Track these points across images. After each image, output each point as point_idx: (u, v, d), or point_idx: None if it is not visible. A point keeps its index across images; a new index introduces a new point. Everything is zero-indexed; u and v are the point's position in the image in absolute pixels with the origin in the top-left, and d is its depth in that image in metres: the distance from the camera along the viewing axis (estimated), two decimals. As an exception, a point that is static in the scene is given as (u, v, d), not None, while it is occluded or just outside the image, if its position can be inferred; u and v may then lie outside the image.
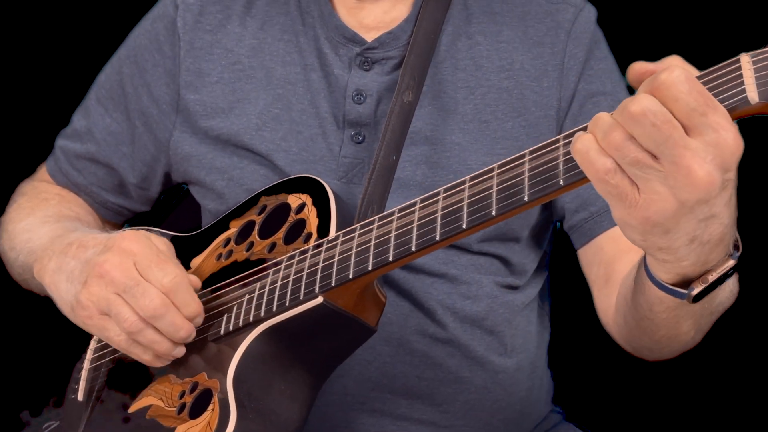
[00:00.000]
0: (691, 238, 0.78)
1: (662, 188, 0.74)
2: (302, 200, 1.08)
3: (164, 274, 1.00)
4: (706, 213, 0.76)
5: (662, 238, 0.78)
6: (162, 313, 0.99)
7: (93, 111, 1.31)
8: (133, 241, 1.03)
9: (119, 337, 1.02)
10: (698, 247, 0.79)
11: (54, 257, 1.10)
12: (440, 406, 1.17)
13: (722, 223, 0.79)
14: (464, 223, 0.89)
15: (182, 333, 1.01)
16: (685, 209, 0.75)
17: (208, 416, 0.98)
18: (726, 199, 0.77)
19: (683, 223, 0.76)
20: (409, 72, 1.14)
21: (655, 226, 0.76)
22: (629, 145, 0.73)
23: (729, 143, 0.72)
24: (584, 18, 1.22)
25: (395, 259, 0.93)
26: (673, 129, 0.72)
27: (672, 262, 0.82)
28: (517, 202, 0.85)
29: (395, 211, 0.96)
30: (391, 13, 1.21)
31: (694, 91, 0.72)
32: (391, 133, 1.11)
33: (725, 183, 0.75)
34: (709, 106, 0.72)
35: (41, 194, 1.33)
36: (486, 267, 1.18)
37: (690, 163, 0.72)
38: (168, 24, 1.25)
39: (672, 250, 0.80)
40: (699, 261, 0.81)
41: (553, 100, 1.18)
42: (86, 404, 1.14)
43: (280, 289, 1.01)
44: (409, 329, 1.16)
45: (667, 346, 1.02)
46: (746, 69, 0.76)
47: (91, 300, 1.02)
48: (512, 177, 0.87)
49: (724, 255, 0.82)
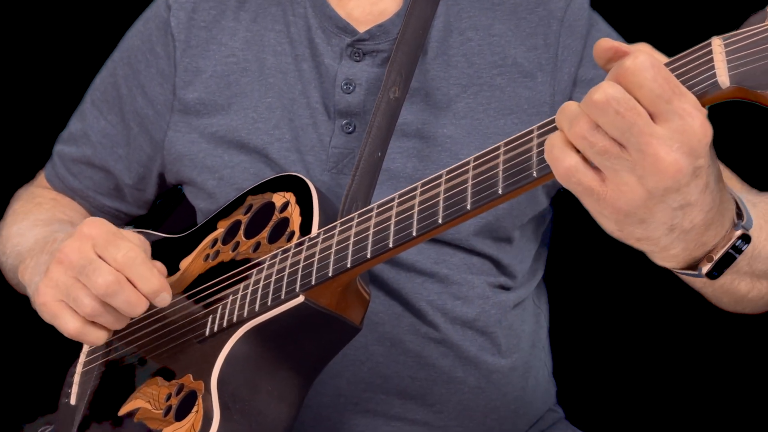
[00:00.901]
0: (670, 228, 0.76)
1: (630, 177, 0.72)
2: (286, 198, 1.08)
3: (117, 249, 0.98)
4: (680, 201, 0.74)
5: (638, 228, 0.76)
6: (115, 290, 0.97)
7: (88, 114, 1.31)
8: (94, 226, 1.01)
9: (71, 325, 1.00)
10: (681, 234, 0.77)
11: (35, 256, 1.10)
12: (434, 406, 1.15)
13: (703, 210, 0.76)
14: (440, 218, 0.87)
15: (139, 310, 0.99)
16: (654, 198, 0.73)
17: (192, 418, 0.98)
18: (701, 187, 0.74)
19: (657, 213, 0.74)
20: (396, 68, 1.13)
21: (627, 216, 0.74)
22: (595, 134, 0.72)
23: (695, 129, 0.71)
24: (577, 5, 1.19)
25: (373, 255, 0.92)
26: (637, 116, 0.70)
27: (658, 252, 0.80)
28: (491, 196, 0.84)
29: (374, 208, 0.95)
30: (379, 5, 1.20)
31: (659, 78, 0.70)
32: (377, 129, 1.10)
33: (697, 171, 0.73)
34: (675, 92, 0.71)
35: (36, 198, 1.33)
36: (477, 267, 1.17)
37: (656, 150, 0.71)
38: (160, 24, 1.25)
39: (653, 240, 0.78)
40: (690, 246, 0.79)
41: (546, 96, 1.16)
42: (78, 408, 1.14)
43: (263, 289, 1.00)
44: (401, 329, 1.14)
45: (749, 306, 0.98)
46: (717, 53, 0.74)
47: (48, 286, 1.00)
48: (487, 170, 0.85)
49: (723, 232, 0.80)
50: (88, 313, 0.99)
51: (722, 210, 0.79)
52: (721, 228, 0.80)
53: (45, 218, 1.26)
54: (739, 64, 0.72)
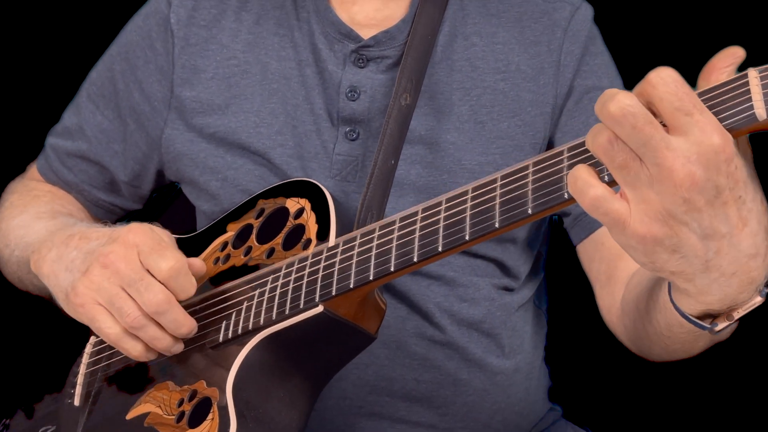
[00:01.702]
0: (705, 263, 0.75)
1: (650, 193, 0.72)
2: (301, 205, 1.07)
3: (164, 260, 0.98)
4: (705, 227, 0.73)
5: (670, 260, 0.75)
6: (166, 308, 0.98)
7: (84, 108, 1.29)
8: (138, 234, 1.01)
9: (111, 330, 1.00)
10: (721, 278, 0.76)
11: (54, 248, 1.08)
12: (439, 408, 1.17)
13: (741, 251, 0.75)
14: (467, 234, 0.88)
15: (184, 329, 1.00)
16: (675, 217, 0.72)
17: (207, 425, 0.97)
18: (728, 217, 0.73)
19: (683, 239, 0.73)
20: (407, 75, 1.13)
21: (654, 242, 0.74)
22: (615, 147, 0.72)
23: (714, 142, 0.71)
24: (581, 16, 1.22)
25: (397, 269, 0.92)
26: (654, 130, 0.70)
27: (694, 294, 0.79)
28: (520, 215, 0.85)
29: (396, 221, 0.95)
30: (384, 11, 1.20)
31: (680, 92, 0.71)
32: (389, 136, 1.10)
33: (721, 193, 0.72)
34: (696, 107, 0.71)
35: (32, 191, 1.31)
36: (482, 269, 1.18)
37: (672, 163, 0.70)
38: (160, 20, 1.23)
39: (688, 276, 0.77)
40: (726, 298, 0.79)
41: (549, 97, 1.18)
42: (83, 410, 1.13)
43: (280, 297, 1.00)
44: (406, 332, 1.15)
45: (677, 357, 1.01)
46: (754, 84, 0.74)
47: (89, 288, 1.00)
48: (515, 189, 0.86)
49: (753, 292, 0.80)
50: (129, 323, 0.99)
51: (764, 269, 0.78)
52: (755, 289, 0.79)
53: (46, 210, 1.24)
54: (777, 96, 0.73)
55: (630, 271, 1.09)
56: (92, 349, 1.17)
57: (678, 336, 0.92)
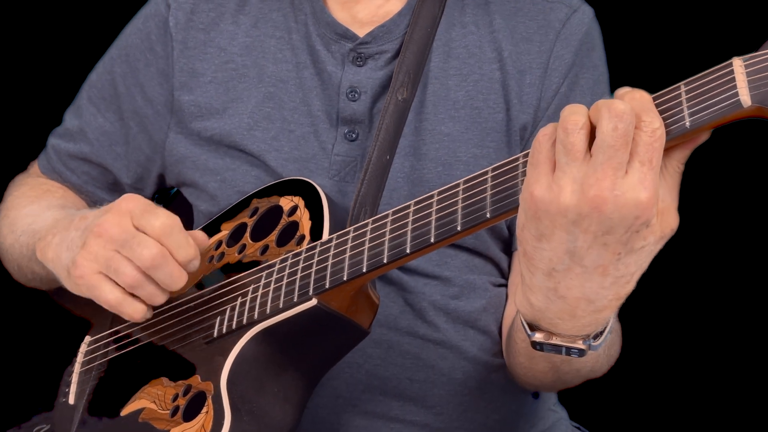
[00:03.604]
0: (551, 269, 0.81)
1: (568, 185, 0.77)
2: (294, 202, 1.08)
3: (156, 217, 0.99)
4: (577, 247, 0.78)
5: (532, 241, 0.80)
6: (160, 262, 0.99)
7: (85, 111, 1.30)
8: (131, 200, 1.02)
9: (111, 294, 1.01)
10: (551, 292, 0.82)
11: (58, 233, 1.09)
12: (433, 407, 1.16)
13: (582, 287, 0.81)
14: (459, 225, 0.89)
15: (180, 282, 1.00)
16: (566, 218, 0.77)
17: (202, 419, 0.98)
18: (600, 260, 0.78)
19: (555, 239, 0.79)
20: (404, 69, 1.14)
21: (535, 215, 0.79)
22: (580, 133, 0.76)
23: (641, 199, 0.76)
24: (577, 20, 1.20)
25: (389, 260, 0.93)
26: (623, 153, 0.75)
27: (525, 284, 0.85)
28: (511, 204, 0.86)
29: (389, 214, 0.96)
30: (385, 7, 1.21)
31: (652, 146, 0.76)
32: (385, 132, 1.11)
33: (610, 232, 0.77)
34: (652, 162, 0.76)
35: (44, 185, 1.32)
36: (480, 267, 1.18)
37: (601, 180, 0.75)
38: (160, 23, 1.24)
39: (531, 267, 0.82)
40: (547, 313, 0.85)
41: (533, 98, 1.17)
42: (77, 407, 1.13)
43: (274, 292, 1.01)
44: (399, 331, 1.16)
45: (523, 376, 1.09)
46: (738, 73, 0.76)
47: (87, 259, 1.01)
48: (506, 180, 0.87)
49: (575, 333, 0.86)
50: (128, 283, 1.00)
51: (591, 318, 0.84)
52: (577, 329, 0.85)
53: (58, 204, 1.25)
54: (761, 84, 0.75)
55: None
56: (87, 348, 1.17)
57: (520, 345, 1.00)
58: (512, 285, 1.20)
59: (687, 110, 0.78)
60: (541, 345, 0.88)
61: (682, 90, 0.79)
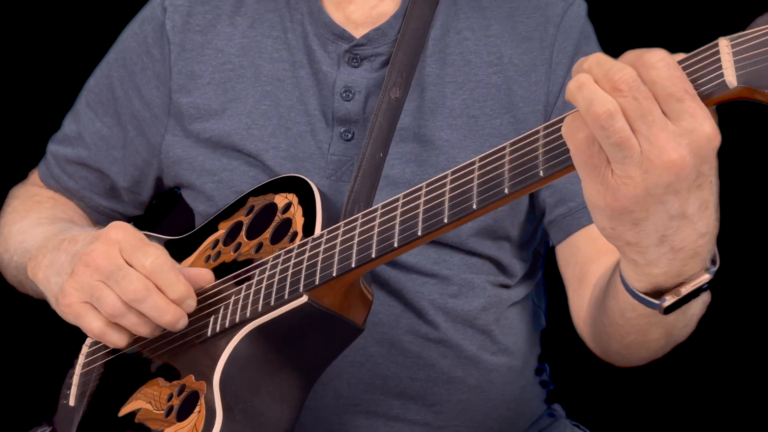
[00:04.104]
0: (661, 237, 0.77)
1: (636, 171, 0.73)
2: (288, 199, 1.08)
3: (146, 256, 0.99)
4: (677, 209, 0.74)
5: (631, 231, 0.76)
6: (144, 296, 0.98)
7: (83, 115, 1.31)
8: (120, 230, 1.02)
9: (94, 323, 1.01)
10: (669, 252, 0.78)
11: (48, 254, 1.10)
12: (433, 406, 1.16)
13: (695, 230, 0.77)
14: (445, 217, 0.88)
15: (168, 317, 0.99)
16: (654, 196, 0.73)
17: (194, 419, 0.97)
18: (700, 201, 0.75)
19: (653, 215, 0.75)
20: (397, 69, 1.14)
21: (623, 212, 0.75)
22: (615, 120, 0.71)
23: (706, 130, 0.72)
24: (574, 12, 1.20)
25: (378, 255, 0.92)
26: (653, 106, 0.71)
27: (642, 265, 0.80)
28: (497, 195, 0.84)
29: (378, 208, 0.95)
30: (379, 8, 1.20)
31: (674, 76, 0.71)
32: (378, 130, 1.11)
33: (700, 178, 0.73)
34: (688, 92, 0.72)
35: (34, 197, 1.33)
36: (478, 267, 1.17)
37: (664, 143, 0.71)
38: (156, 26, 1.24)
39: (642, 249, 0.78)
40: (671, 271, 0.80)
41: (541, 95, 1.17)
42: (77, 409, 1.13)
43: (266, 289, 1.00)
44: (400, 330, 1.15)
45: (636, 353, 1.01)
46: (725, 53, 0.74)
47: (74, 288, 1.02)
48: (493, 170, 0.86)
49: (699, 269, 0.81)
50: (109, 313, 1.00)
51: (709, 245, 0.80)
52: (701, 264, 0.81)
53: (47, 216, 1.25)
54: (747, 64, 0.73)
55: (599, 275, 1.07)
56: (88, 350, 1.17)
57: (630, 323, 0.93)
58: (573, 277, 1.15)
59: None
60: (671, 306, 0.82)
61: None
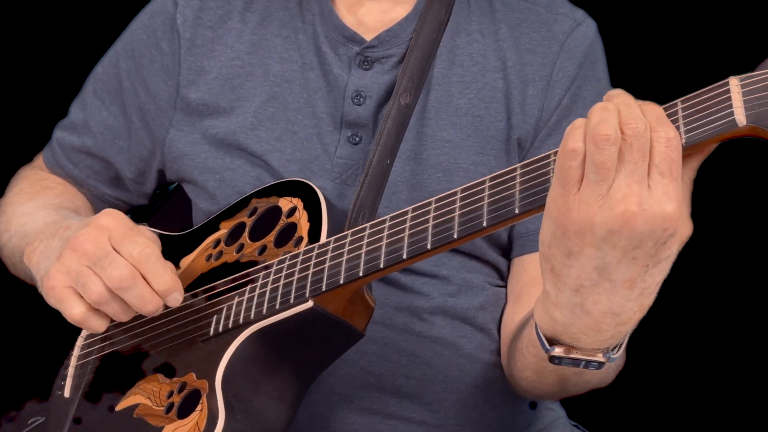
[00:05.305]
0: (578, 286, 0.81)
1: (594, 202, 0.76)
2: (293, 204, 1.09)
3: (134, 245, 1.00)
4: (606, 263, 0.78)
5: (560, 258, 0.80)
6: (129, 284, 0.99)
7: (90, 104, 1.31)
8: (111, 217, 1.03)
9: (76, 309, 1.02)
10: (578, 308, 0.82)
11: (44, 240, 1.10)
12: (430, 405, 1.17)
13: (610, 301, 0.81)
14: (455, 233, 0.90)
15: (150, 307, 1.00)
16: (594, 235, 0.77)
17: (196, 416, 0.99)
18: (629, 275, 0.79)
19: (584, 255, 0.78)
20: (408, 74, 1.14)
21: (564, 233, 0.78)
22: (610, 147, 0.75)
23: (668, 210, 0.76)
24: (581, 33, 1.20)
25: (386, 265, 0.94)
26: (643, 162, 0.75)
27: (550, 301, 0.84)
28: (507, 215, 0.87)
29: (387, 219, 0.97)
30: (391, 13, 1.21)
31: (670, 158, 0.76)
32: (387, 136, 1.12)
33: (638, 250, 0.77)
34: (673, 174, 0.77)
35: (44, 181, 1.33)
36: (477, 268, 1.19)
37: (631, 194, 0.76)
38: (167, 20, 1.25)
39: (559, 284, 0.82)
40: (569, 327, 0.84)
41: (535, 110, 1.18)
42: (72, 401, 1.14)
43: (271, 292, 1.01)
44: (395, 328, 1.16)
45: (531, 389, 1.08)
46: (735, 92, 0.77)
47: (60, 271, 1.02)
48: (504, 189, 0.88)
49: (596, 346, 0.85)
50: (94, 300, 1.00)
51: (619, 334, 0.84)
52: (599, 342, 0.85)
53: (54, 203, 1.26)
54: (756, 104, 0.76)
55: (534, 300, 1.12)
56: (83, 342, 1.18)
57: (530, 359, 0.99)
58: (512, 292, 1.20)
59: (683, 127, 0.79)
60: (560, 359, 0.87)
61: (679, 107, 0.80)
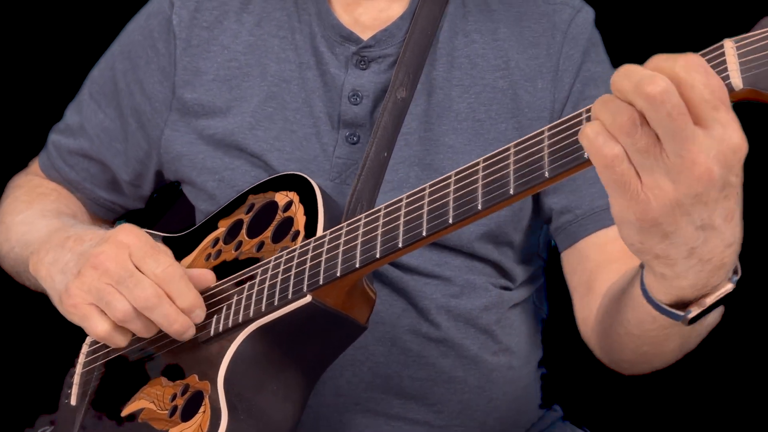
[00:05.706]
0: (690, 250, 0.76)
1: (664, 181, 0.72)
2: (289, 198, 1.08)
3: (157, 264, 0.99)
4: (705, 219, 0.74)
5: (660, 244, 0.76)
6: (155, 303, 0.98)
7: (85, 106, 1.30)
8: (130, 234, 1.02)
9: (101, 326, 1.01)
10: (698, 264, 0.78)
11: (51, 250, 1.09)
12: (434, 406, 1.16)
13: (723, 241, 0.76)
14: (450, 217, 0.88)
15: (176, 326, 0.99)
16: (683, 207, 0.73)
17: (199, 418, 0.97)
18: (727, 212, 0.75)
19: (682, 227, 0.74)
20: (404, 69, 1.13)
21: (653, 225, 0.74)
22: (639, 130, 0.71)
23: (734, 141, 0.71)
24: (581, 19, 1.19)
25: (382, 255, 0.92)
26: (687, 122, 0.70)
27: (670, 278, 0.80)
28: (502, 196, 0.85)
29: (381, 209, 0.95)
30: (388, 12, 1.20)
31: (713, 84, 0.70)
32: (383, 129, 1.10)
33: (726, 188, 0.73)
34: (723, 102, 0.71)
35: (38, 188, 1.32)
36: (480, 269, 1.17)
37: (695, 156, 0.70)
38: (163, 21, 1.24)
39: (670, 261, 0.78)
40: (699, 283, 0.80)
41: (547, 102, 1.17)
42: (79, 408, 1.13)
43: (269, 289, 1.00)
44: (401, 329, 1.15)
45: (648, 362, 1.01)
46: (730, 55, 0.74)
47: (81, 289, 1.01)
48: (498, 171, 0.86)
49: (724, 279, 0.81)
50: (119, 318, 0.99)
51: (734, 256, 0.79)
52: (726, 274, 0.81)
53: (52, 209, 1.25)
54: (752, 66, 0.73)
55: (609, 283, 1.07)
56: (88, 349, 1.17)
57: (648, 334, 0.92)
58: (580, 285, 1.15)
59: None
60: (696, 317, 0.82)
61: None
